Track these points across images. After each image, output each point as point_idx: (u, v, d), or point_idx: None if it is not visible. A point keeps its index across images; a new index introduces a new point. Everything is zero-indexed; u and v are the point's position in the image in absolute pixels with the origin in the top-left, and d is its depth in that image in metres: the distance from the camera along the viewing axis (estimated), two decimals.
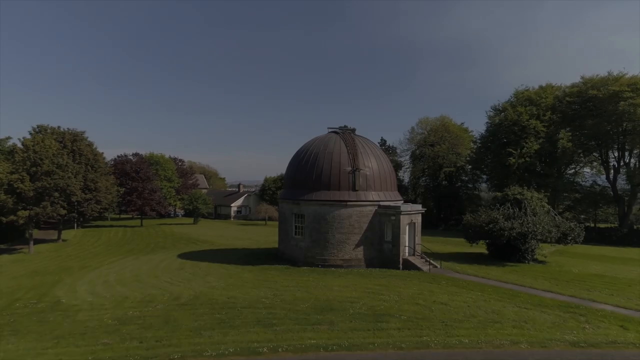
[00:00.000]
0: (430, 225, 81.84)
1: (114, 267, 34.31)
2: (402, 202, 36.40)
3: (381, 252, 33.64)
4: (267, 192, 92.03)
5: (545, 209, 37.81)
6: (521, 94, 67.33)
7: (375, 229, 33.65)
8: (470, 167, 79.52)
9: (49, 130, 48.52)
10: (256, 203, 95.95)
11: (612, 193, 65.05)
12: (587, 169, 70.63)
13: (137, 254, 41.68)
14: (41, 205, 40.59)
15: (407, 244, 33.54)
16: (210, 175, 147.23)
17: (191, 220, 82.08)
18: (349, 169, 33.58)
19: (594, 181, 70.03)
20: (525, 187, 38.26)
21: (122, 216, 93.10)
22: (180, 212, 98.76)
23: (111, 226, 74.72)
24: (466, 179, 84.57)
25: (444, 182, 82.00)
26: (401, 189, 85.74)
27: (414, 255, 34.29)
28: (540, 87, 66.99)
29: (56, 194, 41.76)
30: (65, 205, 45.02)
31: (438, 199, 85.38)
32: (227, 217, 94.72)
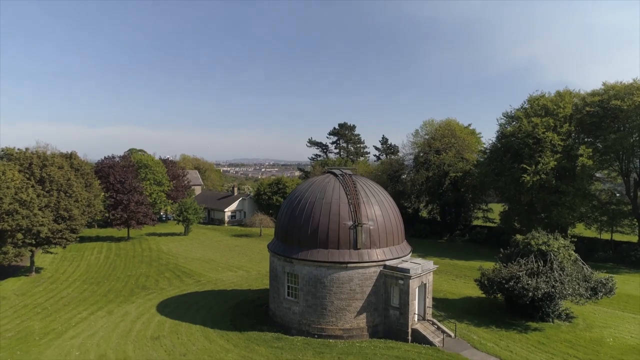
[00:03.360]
0: (435, 234, 77.65)
1: (81, 335, 29.82)
2: (410, 254, 31.81)
3: (387, 318, 29.21)
4: (263, 197, 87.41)
5: (572, 257, 33.28)
6: (536, 100, 61.94)
7: (380, 293, 29.15)
8: (477, 171, 74.39)
9: (14, 155, 43.35)
10: (251, 207, 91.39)
11: (631, 207, 60.57)
12: (599, 174, 66.05)
13: (112, 302, 37.20)
14: (1, 251, 35.96)
15: (416, 311, 29.10)
16: (205, 169, 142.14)
17: (182, 228, 77.49)
18: (350, 223, 28.84)
19: (612, 192, 65.49)
20: (551, 236, 33.48)
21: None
22: (172, 215, 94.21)
23: (97, 238, 70.31)
24: (474, 183, 79.28)
25: (449, 190, 77.07)
26: (404, 195, 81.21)
27: (424, 319, 29.87)
28: (558, 94, 61.56)
29: (19, 235, 37.09)
30: (33, 242, 40.46)
31: (443, 206, 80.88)
32: (220, 222, 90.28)
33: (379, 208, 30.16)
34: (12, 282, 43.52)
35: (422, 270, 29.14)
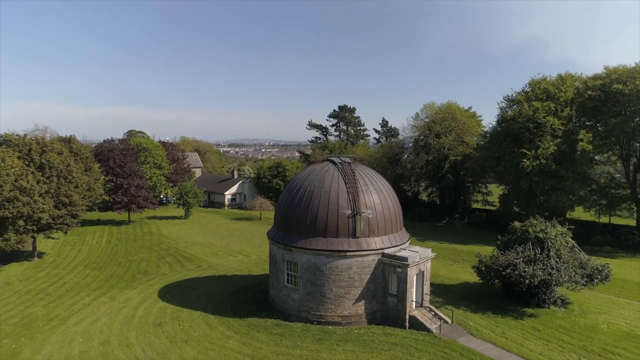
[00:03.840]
0: (434, 217, 78.00)
1: (84, 321, 30.33)
2: (409, 242, 32.05)
3: (385, 305, 29.66)
4: (263, 180, 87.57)
5: (569, 244, 33.56)
6: (537, 84, 61.45)
7: (378, 280, 29.53)
8: (477, 155, 74.15)
9: (13, 141, 43.27)
10: (251, 190, 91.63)
11: (630, 191, 60.69)
12: (599, 157, 65.87)
13: (114, 288, 37.69)
14: (3, 238, 36.25)
15: (414, 299, 29.52)
16: (205, 151, 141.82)
17: (183, 211, 77.79)
18: (349, 212, 29.01)
19: (611, 174, 65.38)
20: (549, 223, 33.68)
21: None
22: (173, 198, 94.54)
23: (98, 221, 70.82)
24: (473, 167, 79.13)
25: (448, 172, 77.15)
26: (403, 178, 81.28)
27: (421, 306, 30.36)
28: (559, 77, 61.07)
29: (21, 222, 37.33)
30: (35, 228, 40.83)
31: (442, 189, 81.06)
32: (221, 205, 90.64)
33: (377, 196, 30.28)
34: (15, 267, 43.99)
35: (420, 259, 29.45)
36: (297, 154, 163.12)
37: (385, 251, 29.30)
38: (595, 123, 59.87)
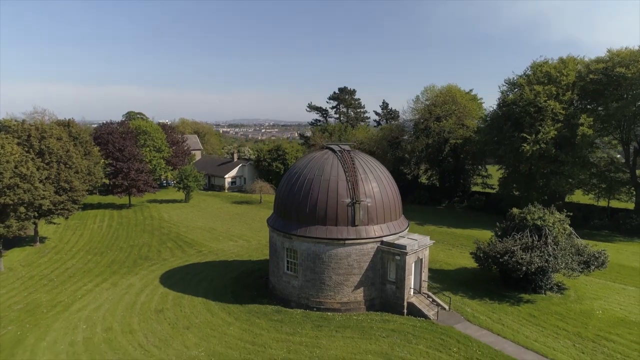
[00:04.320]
0: (434, 200, 78.27)
1: (87, 307, 30.80)
2: (408, 229, 32.25)
3: (383, 292, 30.06)
4: (262, 163, 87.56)
5: (567, 232, 33.78)
6: (539, 67, 60.86)
7: (377, 268, 29.86)
8: (477, 138, 73.93)
9: (12, 127, 43.11)
10: (251, 173, 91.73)
11: (629, 175, 60.76)
12: (598, 141, 65.64)
13: (116, 273, 38.13)
14: (5, 224, 36.46)
15: (412, 285, 29.91)
16: (205, 133, 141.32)
17: (183, 195, 78.02)
18: (348, 200, 29.14)
19: (611, 159, 65.34)
20: (547, 210, 33.81)
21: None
22: (173, 181, 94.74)
23: (99, 205, 71.16)
24: (473, 150, 78.93)
25: (449, 156, 77.08)
26: (403, 161, 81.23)
27: (419, 293, 30.78)
28: (561, 60, 60.42)
29: (22, 209, 37.50)
30: (36, 214, 41.11)
31: (442, 173, 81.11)
32: (221, 188, 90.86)
33: (376, 184, 30.36)
34: (17, 252, 44.43)
35: (419, 246, 29.71)
36: (296, 135, 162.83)
37: (384, 239, 29.54)
38: (596, 107, 59.57)
